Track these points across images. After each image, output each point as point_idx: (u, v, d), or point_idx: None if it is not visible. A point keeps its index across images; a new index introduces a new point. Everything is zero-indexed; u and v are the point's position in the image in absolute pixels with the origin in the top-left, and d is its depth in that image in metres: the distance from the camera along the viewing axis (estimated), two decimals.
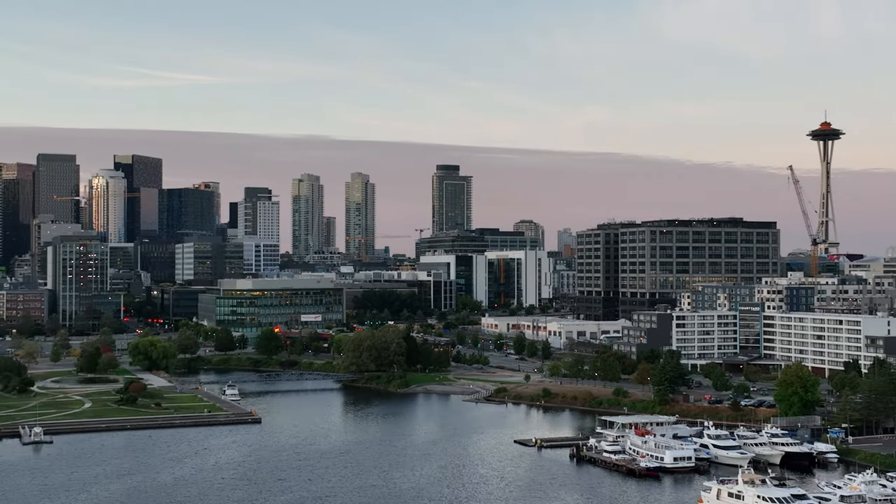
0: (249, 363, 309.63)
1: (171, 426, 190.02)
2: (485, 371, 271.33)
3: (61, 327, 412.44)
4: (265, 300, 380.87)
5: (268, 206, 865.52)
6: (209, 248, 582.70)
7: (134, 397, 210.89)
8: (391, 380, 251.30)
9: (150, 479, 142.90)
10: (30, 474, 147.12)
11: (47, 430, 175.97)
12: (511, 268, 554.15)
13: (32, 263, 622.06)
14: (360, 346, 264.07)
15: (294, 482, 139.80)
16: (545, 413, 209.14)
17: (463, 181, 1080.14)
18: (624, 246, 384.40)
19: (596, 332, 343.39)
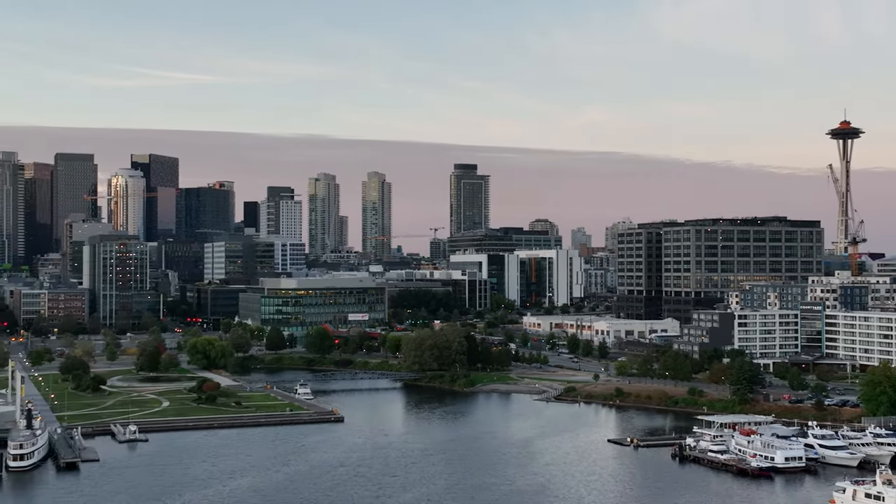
0: (302, 362, 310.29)
1: (256, 425, 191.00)
2: (544, 370, 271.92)
3: (102, 326, 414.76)
4: (310, 299, 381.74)
5: (290, 206, 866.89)
6: (240, 247, 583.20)
7: (213, 396, 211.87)
8: (455, 379, 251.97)
9: (267, 476, 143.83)
10: (146, 471, 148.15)
11: (141, 429, 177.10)
12: (542, 267, 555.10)
13: (63, 263, 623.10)
14: (421, 345, 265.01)
15: (409, 480, 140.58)
16: (621, 412, 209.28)
17: (480, 180, 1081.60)
18: (667, 245, 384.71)
19: (644, 330, 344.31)
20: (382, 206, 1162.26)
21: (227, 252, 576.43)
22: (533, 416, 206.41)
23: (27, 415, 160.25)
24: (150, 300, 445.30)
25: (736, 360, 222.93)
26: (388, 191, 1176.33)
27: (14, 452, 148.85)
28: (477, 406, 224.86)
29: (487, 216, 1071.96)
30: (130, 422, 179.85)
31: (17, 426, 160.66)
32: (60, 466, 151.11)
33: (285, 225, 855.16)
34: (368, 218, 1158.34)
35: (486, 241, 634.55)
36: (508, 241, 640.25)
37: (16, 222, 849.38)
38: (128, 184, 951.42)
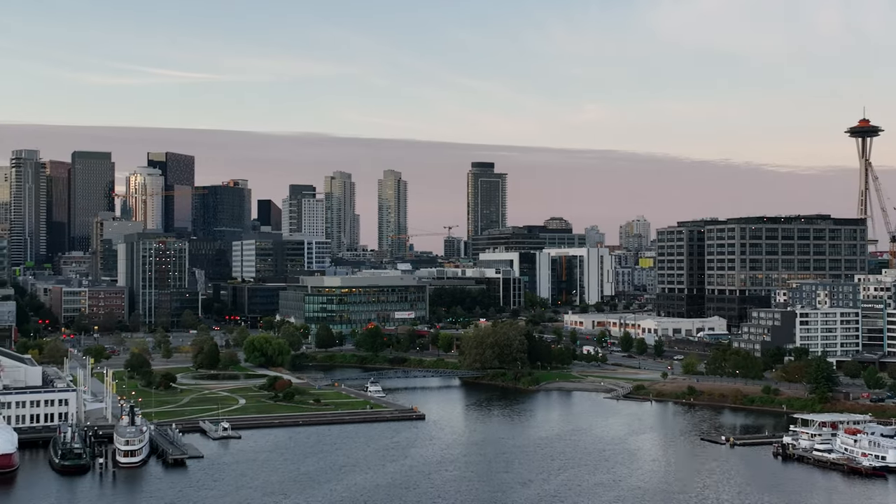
0: (354, 360, 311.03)
1: (340, 422, 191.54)
2: (603, 368, 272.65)
3: (141, 324, 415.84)
4: (354, 297, 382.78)
5: (312, 204, 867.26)
6: (270, 245, 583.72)
7: (291, 394, 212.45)
8: (519, 377, 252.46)
9: (379, 472, 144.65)
10: (254, 467, 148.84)
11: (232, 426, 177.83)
12: (573, 265, 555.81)
13: (94, 261, 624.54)
14: (482, 343, 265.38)
15: (522, 476, 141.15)
16: (697, 411, 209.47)
17: (497, 178, 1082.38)
18: (710, 243, 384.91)
19: (691, 329, 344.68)
20: (398, 205, 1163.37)
21: (257, 250, 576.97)
22: (611, 414, 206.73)
23: (130, 412, 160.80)
24: (188, 298, 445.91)
25: (812, 358, 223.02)
26: (403, 189, 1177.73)
27: (124, 448, 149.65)
28: (549, 404, 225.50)
29: (505, 214, 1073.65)
30: (222, 419, 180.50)
31: (120, 423, 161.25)
32: (168, 463, 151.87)
33: (307, 223, 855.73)
34: (384, 216, 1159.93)
35: (513, 239, 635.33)
36: (536, 239, 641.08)
37: (37, 221, 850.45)
38: (146, 181, 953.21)
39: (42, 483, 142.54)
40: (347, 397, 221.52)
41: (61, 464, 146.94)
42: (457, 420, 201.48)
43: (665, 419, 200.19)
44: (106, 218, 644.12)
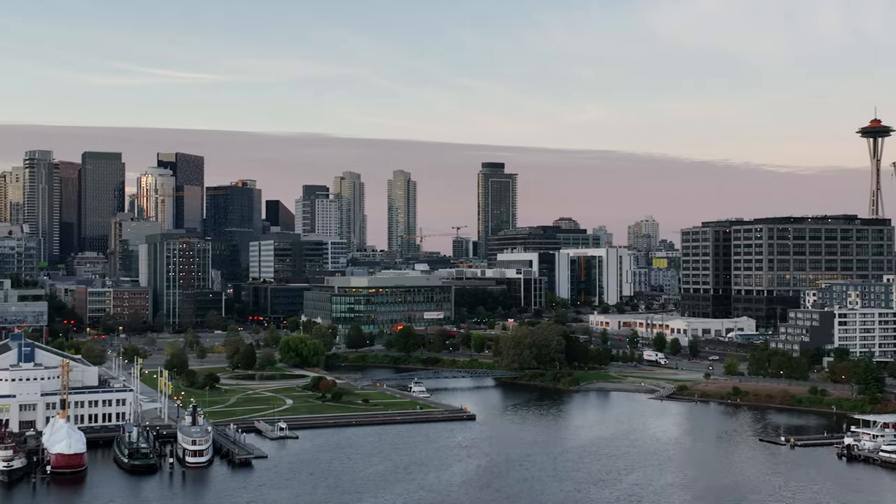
0: (387, 360, 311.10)
1: (392, 422, 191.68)
2: (639, 368, 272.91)
3: (166, 325, 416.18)
4: (381, 297, 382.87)
5: (325, 204, 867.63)
6: (289, 245, 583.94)
7: (339, 394, 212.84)
8: (559, 377, 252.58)
9: (447, 473, 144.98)
10: (322, 467, 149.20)
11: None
12: (591, 265, 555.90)
13: (112, 261, 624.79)
14: (520, 343, 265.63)
15: (594, 476, 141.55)
16: (743, 411, 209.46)
17: (508, 179, 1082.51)
18: (737, 244, 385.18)
19: (720, 329, 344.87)
20: (408, 205, 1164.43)
21: (275, 251, 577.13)
22: (659, 414, 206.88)
23: (193, 412, 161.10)
24: (211, 299, 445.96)
25: (859, 359, 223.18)
26: (413, 189, 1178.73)
27: (193, 448, 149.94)
28: (594, 404, 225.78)
29: (515, 215, 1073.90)
30: (279, 419, 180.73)
31: (182, 422, 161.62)
32: (235, 463, 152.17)
33: (320, 223, 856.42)
34: (394, 216, 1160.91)
35: (529, 239, 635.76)
36: (552, 239, 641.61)
37: (51, 221, 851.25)
38: (157, 182, 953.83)
39: (112, 482, 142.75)
40: (393, 397, 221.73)
41: (131, 463, 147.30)
42: (507, 420, 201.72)
43: (715, 420, 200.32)
44: (124, 219, 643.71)
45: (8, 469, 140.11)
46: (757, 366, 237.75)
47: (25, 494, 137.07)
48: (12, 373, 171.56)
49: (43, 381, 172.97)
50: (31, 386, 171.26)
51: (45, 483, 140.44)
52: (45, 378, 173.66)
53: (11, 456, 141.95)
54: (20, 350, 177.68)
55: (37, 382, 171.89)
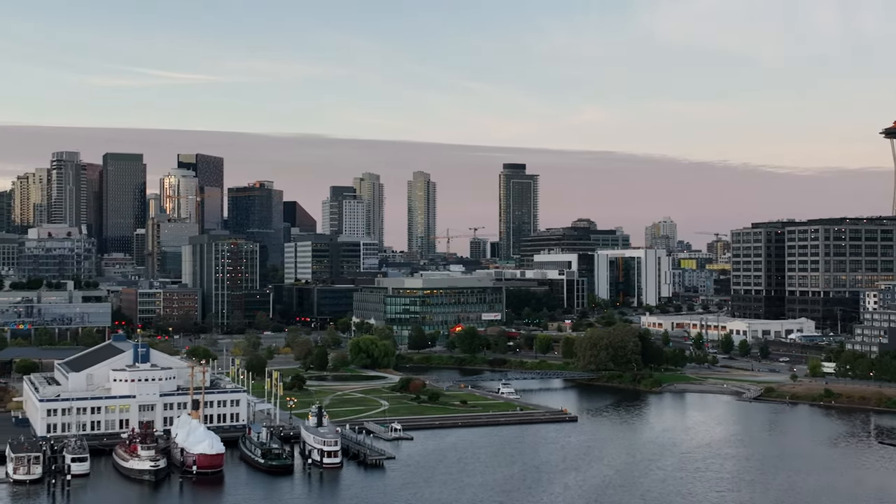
0: (452, 361, 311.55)
1: (496, 424, 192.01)
2: (714, 370, 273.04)
3: (215, 326, 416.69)
4: (436, 298, 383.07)
5: (353, 205, 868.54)
6: (326, 246, 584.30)
7: (436, 395, 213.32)
8: (639, 379, 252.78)
9: (586, 474, 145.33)
10: (456, 467, 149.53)
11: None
12: (630, 266, 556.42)
13: (149, 262, 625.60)
14: (596, 344, 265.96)
15: (737, 476, 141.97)
16: (840, 413, 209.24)
17: (529, 180, 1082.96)
18: (791, 244, 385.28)
19: (780, 330, 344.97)
20: (427, 206, 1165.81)
21: (313, 251, 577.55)
22: (757, 416, 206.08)
23: (318, 412, 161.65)
24: (258, 300, 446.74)
25: None
26: (432, 191, 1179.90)
27: (328, 449, 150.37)
28: (684, 406, 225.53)
29: (536, 216, 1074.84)
30: (393, 420, 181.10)
31: (307, 423, 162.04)
32: (367, 464, 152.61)
33: (347, 224, 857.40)
34: (414, 218, 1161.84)
35: (564, 240, 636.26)
36: (588, 240, 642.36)
37: (78, 222, 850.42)
38: (180, 183, 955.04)
39: (252, 483, 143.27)
40: (485, 399, 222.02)
41: (268, 464, 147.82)
42: (608, 422, 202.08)
43: (818, 422, 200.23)
44: (161, 220, 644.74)
45: (155, 469, 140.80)
46: (844, 368, 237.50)
47: (174, 494, 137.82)
48: (131, 373, 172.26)
49: (161, 381, 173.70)
50: (151, 386, 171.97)
51: (190, 483, 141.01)
52: (164, 378, 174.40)
53: (156, 456, 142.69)
54: (136, 351, 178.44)
55: (156, 383, 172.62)
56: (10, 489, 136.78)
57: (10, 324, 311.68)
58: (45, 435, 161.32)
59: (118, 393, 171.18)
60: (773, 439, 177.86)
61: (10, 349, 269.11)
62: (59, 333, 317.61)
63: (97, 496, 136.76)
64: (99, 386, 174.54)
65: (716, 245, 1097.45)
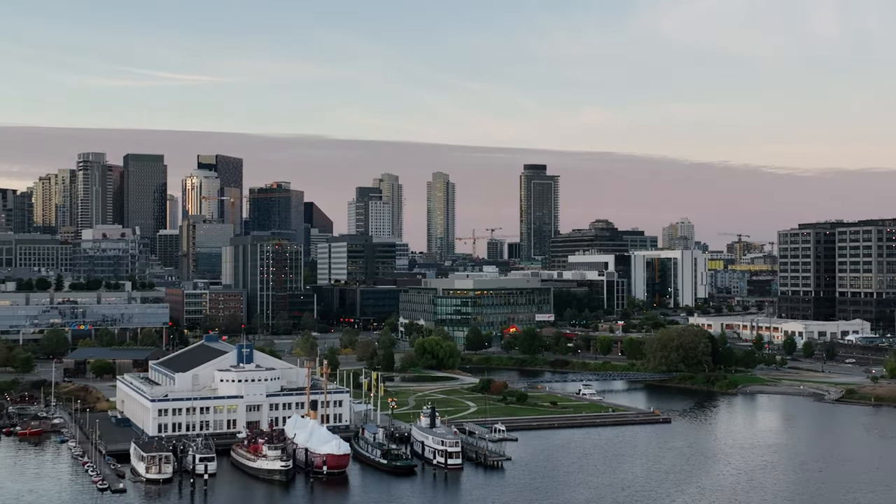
0: (512, 362, 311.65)
1: (591, 425, 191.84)
2: (783, 371, 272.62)
3: (262, 327, 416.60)
4: (486, 299, 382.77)
5: (379, 206, 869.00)
6: (361, 247, 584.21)
7: (524, 395, 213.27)
8: (714, 380, 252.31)
9: (717, 477, 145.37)
10: (575, 467, 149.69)
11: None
12: (667, 267, 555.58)
13: (185, 263, 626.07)
14: (667, 346, 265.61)
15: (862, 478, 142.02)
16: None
17: (550, 181, 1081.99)
18: (843, 245, 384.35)
19: (836, 331, 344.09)
20: (447, 207, 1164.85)
21: (348, 252, 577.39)
22: (850, 419, 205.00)
23: (431, 413, 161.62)
24: (302, 300, 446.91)
25: None
26: (452, 191, 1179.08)
27: (450, 450, 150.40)
28: (767, 407, 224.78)
29: (557, 217, 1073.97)
30: (497, 420, 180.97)
31: (419, 423, 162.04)
32: (488, 465, 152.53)
33: (373, 225, 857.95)
34: (433, 219, 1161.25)
35: (596, 241, 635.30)
36: (620, 241, 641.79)
37: (104, 222, 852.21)
38: (202, 184, 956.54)
39: (376, 483, 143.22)
40: (568, 400, 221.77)
41: (392, 465, 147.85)
42: (700, 423, 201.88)
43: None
44: (197, 221, 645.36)
45: (285, 469, 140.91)
46: None
47: (305, 494, 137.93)
48: (238, 373, 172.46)
49: (267, 381, 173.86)
50: (258, 387, 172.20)
51: (319, 483, 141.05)
52: (269, 379, 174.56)
53: (282, 455, 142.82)
54: (240, 351, 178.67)
55: (262, 383, 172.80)
56: (143, 488, 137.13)
57: (72, 324, 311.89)
58: (160, 435, 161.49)
59: (225, 393, 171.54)
60: (872, 443, 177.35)
61: (82, 350, 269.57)
62: (117, 334, 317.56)
63: (233, 495, 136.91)
64: (205, 386, 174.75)
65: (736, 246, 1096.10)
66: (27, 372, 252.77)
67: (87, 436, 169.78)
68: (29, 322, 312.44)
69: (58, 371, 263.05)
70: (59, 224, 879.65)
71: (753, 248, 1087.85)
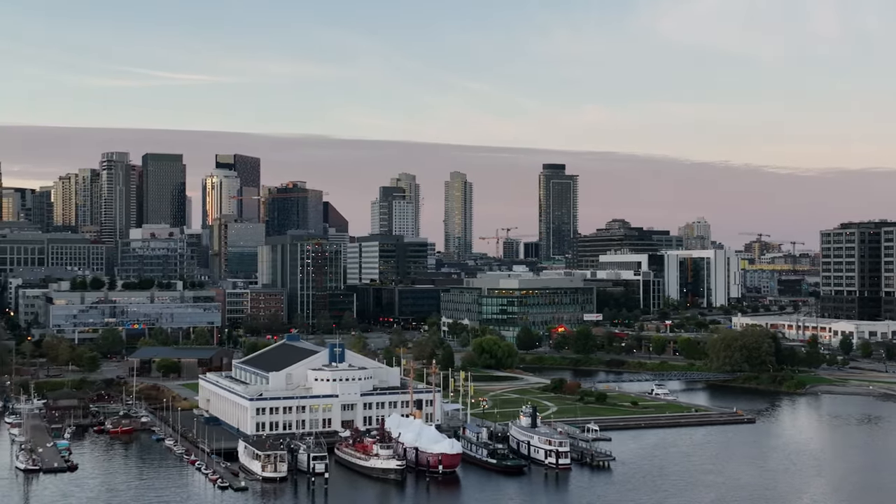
0: (565, 362, 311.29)
1: (677, 425, 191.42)
2: (846, 371, 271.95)
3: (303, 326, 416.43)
4: (531, 299, 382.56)
5: (402, 206, 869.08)
6: (393, 247, 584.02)
7: (603, 395, 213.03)
8: (781, 380, 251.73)
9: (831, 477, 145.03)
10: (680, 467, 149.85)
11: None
12: (699, 267, 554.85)
13: (217, 263, 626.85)
14: (730, 346, 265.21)
15: None
16: None
17: (569, 180, 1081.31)
18: (889, 245, 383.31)
19: (886, 332, 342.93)
20: (465, 207, 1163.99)
21: (380, 252, 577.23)
22: None
23: (532, 413, 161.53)
24: (342, 300, 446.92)
25: None
26: (470, 191, 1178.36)
27: (561, 450, 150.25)
28: (844, 408, 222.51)
29: (576, 216, 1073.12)
30: (590, 420, 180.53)
31: (518, 423, 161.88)
32: (594, 465, 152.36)
33: (397, 225, 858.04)
34: (451, 218, 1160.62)
35: (625, 240, 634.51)
36: (649, 240, 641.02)
37: (128, 222, 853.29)
38: (222, 183, 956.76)
39: (487, 483, 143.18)
40: (643, 399, 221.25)
41: (502, 464, 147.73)
42: (784, 423, 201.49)
43: None
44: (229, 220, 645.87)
45: (400, 468, 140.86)
46: None
47: (421, 492, 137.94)
48: (333, 373, 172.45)
49: (361, 381, 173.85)
50: (352, 386, 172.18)
51: (435, 482, 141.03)
52: (362, 378, 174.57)
53: (394, 455, 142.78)
54: (332, 351, 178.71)
55: (357, 383, 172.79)
56: (260, 486, 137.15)
57: (126, 324, 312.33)
58: (259, 433, 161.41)
59: (320, 392, 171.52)
60: None
61: (145, 349, 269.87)
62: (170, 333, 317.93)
63: (351, 494, 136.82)
64: (298, 385, 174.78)
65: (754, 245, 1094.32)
66: (93, 371, 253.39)
67: (182, 434, 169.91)
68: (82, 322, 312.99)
69: (122, 370, 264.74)
70: (80, 223, 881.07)
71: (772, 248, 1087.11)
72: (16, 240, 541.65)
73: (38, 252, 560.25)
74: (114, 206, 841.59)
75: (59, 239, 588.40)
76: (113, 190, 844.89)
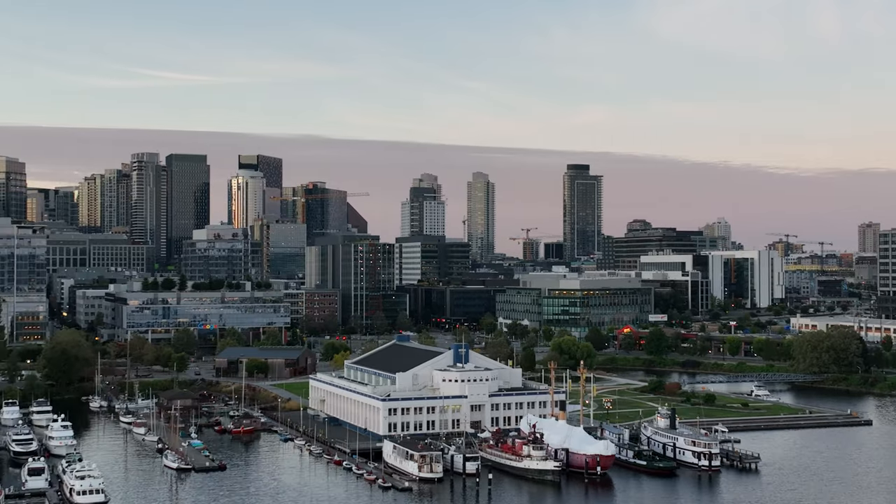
0: (639, 363, 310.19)
1: (796, 427, 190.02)
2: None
3: (358, 328, 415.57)
4: (593, 300, 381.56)
5: (433, 206, 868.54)
6: (435, 247, 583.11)
7: (712, 397, 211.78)
8: (873, 382, 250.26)
9: None
10: (832, 467, 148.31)
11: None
12: (742, 267, 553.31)
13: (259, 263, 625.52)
14: (818, 346, 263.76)
15: None
16: None
17: (593, 181, 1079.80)
18: None
19: None
20: (487, 207, 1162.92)
21: (423, 253, 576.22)
22: None
23: (672, 414, 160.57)
24: (395, 300, 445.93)
25: None
26: (492, 192, 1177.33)
27: (713, 451, 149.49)
28: None
29: (601, 217, 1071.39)
30: (717, 422, 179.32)
31: (656, 424, 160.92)
32: (742, 467, 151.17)
33: (428, 226, 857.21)
34: (474, 219, 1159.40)
35: (664, 241, 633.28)
36: (688, 241, 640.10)
37: (158, 223, 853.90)
38: (248, 184, 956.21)
39: (642, 484, 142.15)
40: (747, 401, 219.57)
41: (654, 465, 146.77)
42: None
43: None
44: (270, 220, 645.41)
45: (558, 469, 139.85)
46: None
47: (579, 493, 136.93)
48: (460, 373, 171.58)
49: (488, 382, 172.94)
50: (481, 387, 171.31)
51: (591, 483, 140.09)
52: (489, 379, 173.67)
53: (547, 456, 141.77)
54: (457, 352, 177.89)
55: (485, 383, 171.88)
56: (418, 487, 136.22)
57: (198, 324, 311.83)
58: (389, 434, 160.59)
59: (448, 393, 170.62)
60: None
61: (230, 349, 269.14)
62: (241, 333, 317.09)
63: (512, 494, 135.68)
64: (424, 386, 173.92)
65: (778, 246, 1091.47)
66: (181, 371, 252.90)
67: (309, 435, 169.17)
68: (156, 322, 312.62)
69: (204, 370, 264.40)
70: (107, 224, 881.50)
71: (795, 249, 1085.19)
72: (58, 240, 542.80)
73: (79, 252, 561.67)
74: (144, 207, 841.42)
75: (101, 240, 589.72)
76: (143, 191, 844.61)
